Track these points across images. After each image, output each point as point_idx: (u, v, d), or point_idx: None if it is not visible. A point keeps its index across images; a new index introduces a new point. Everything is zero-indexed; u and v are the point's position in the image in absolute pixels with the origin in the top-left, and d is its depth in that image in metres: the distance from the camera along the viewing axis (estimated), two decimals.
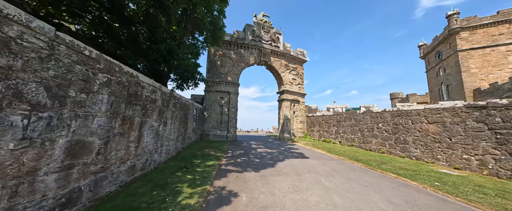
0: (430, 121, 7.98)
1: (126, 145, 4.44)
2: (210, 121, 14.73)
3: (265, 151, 10.41)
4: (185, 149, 9.55)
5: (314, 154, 9.76)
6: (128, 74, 4.41)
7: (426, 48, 33.76)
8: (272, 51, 17.32)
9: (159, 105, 6.24)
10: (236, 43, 15.92)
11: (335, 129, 14.11)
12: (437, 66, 30.57)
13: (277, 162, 7.81)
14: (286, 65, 18.23)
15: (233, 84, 15.58)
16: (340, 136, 13.59)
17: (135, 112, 4.78)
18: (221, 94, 15.42)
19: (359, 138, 11.84)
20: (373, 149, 10.70)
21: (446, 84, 28.58)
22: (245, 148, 11.48)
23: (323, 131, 15.68)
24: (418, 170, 6.79)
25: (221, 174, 5.97)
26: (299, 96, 18.67)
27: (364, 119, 11.50)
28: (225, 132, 15.02)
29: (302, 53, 19.23)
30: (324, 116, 15.77)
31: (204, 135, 14.23)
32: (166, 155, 7.11)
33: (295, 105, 18.42)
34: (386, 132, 9.98)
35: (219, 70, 15.52)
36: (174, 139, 7.95)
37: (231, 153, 9.60)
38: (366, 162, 7.87)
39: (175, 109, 7.92)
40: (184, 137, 9.46)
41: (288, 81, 18.16)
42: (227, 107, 15.36)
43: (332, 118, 14.59)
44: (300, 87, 18.98)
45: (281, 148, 11.82)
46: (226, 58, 15.85)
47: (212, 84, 15.11)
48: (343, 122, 13.38)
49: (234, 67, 15.96)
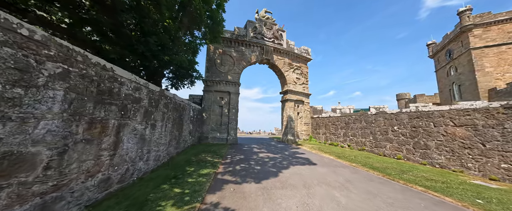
0: (458, 124, 6.96)
1: (95, 154, 3.59)
2: (209, 123, 13.88)
3: (267, 156, 9.49)
4: (180, 154, 8.70)
5: (322, 160, 8.80)
6: (98, 66, 3.57)
7: (435, 47, 32.44)
8: (275, 49, 16.43)
9: (146, 105, 5.40)
10: (237, 40, 15.09)
11: (343, 131, 13.10)
12: (448, 65, 29.24)
13: (281, 170, 6.89)
14: (290, 63, 17.32)
15: (233, 83, 14.73)
16: (349, 139, 12.58)
17: (110, 113, 3.94)
18: (221, 94, 14.58)
19: (370, 141, 10.82)
20: (388, 154, 9.67)
21: (458, 84, 27.23)
22: (246, 152, 10.58)
23: (330, 133, 14.67)
24: (447, 181, 5.78)
25: (216, 186, 5.08)
26: (304, 96, 17.71)
27: (377, 121, 10.49)
28: (225, 134, 14.14)
29: (306, 51, 18.30)
30: (330, 118, 14.78)
31: (202, 138, 13.38)
32: (155, 162, 6.26)
33: (299, 106, 17.46)
34: (403, 136, 8.95)
35: (218, 69, 14.69)
36: (166, 143, 7.10)
37: (230, 158, 8.71)
38: (383, 171, 6.88)
39: (167, 110, 7.08)
40: (178, 140, 8.61)
41: (292, 80, 17.23)
42: (227, 108, 14.50)
43: (340, 119, 13.59)
44: (305, 87, 18.02)
45: (285, 152, 10.88)
46: (226, 56, 15.03)
47: (211, 83, 14.28)
48: (352, 124, 12.38)
49: (234, 66, 15.11)
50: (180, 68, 8.43)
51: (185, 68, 8.41)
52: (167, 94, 6.95)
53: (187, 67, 8.50)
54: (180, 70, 8.54)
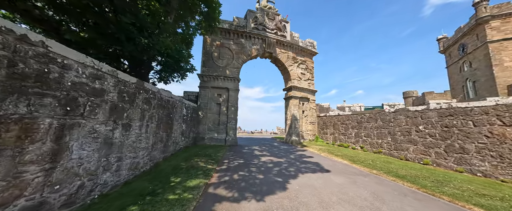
0: (508, 123, 5.59)
1: (9, 170, 2.34)
2: (206, 122, 12.63)
3: (270, 160, 8.20)
4: (168, 158, 7.45)
5: (334, 166, 7.49)
6: (9, 34, 2.31)
7: (447, 42, 30.72)
8: (278, 41, 15.08)
9: (113, 99, 4.15)
10: (236, 32, 13.77)
11: (355, 131, 11.74)
12: (461, 60, 27.56)
13: (288, 179, 5.60)
14: (294, 57, 15.95)
15: (232, 79, 13.44)
16: (361, 141, 11.22)
17: (41, 108, 2.68)
18: (219, 90, 13.31)
19: (388, 143, 9.46)
20: (411, 158, 8.32)
21: (472, 80, 25.57)
22: (246, 155, 9.31)
23: (339, 133, 13.32)
24: (506, 197, 4.44)
25: (204, 206, 3.82)
26: (309, 93, 16.35)
27: (396, 120, 9.12)
28: (224, 135, 12.88)
29: (311, 44, 16.91)
30: (340, 116, 13.41)
31: (198, 139, 12.14)
32: (131, 172, 5.02)
33: (305, 104, 16.11)
34: (431, 137, 7.59)
35: (216, 62, 13.40)
36: (147, 147, 5.85)
37: (227, 164, 7.44)
38: (414, 181, 5.55)
39: (149, 106, 5.83)
40: (166, 143, 7.37)
41: (296, 76, 15.87)
42: (226, 106, 13.23)
43: (351, 118, 12.22)
44: (310, 83, 16.66)
45: (290, 155, 9.59)
46: (225, 49, 13.73)
47: (208, 79, 13.01)
48: (365, 123, 11.01)
49: (233, 60, 13.81)
50: (168, 58, 7.16)
51: (173, 58, 7.14)
52: (148, 87, 5.69)
53: (176, 57, 7.23)
54: (168, 61, 7.28)
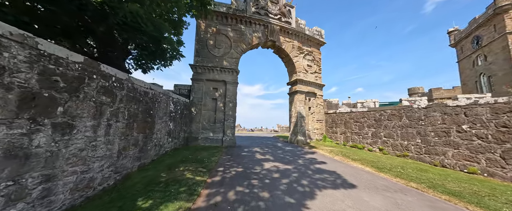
0: None
1: None
2: (200, 120, 11.01)
3: (276, 168, 6.62)
4: (146, 167, 5.85)
5: (359, 176, 5.90)
6: None
7: (459, 34, 28.96)
8: (282, 29, 13.35)
9: (29, 84, 2.51)
10: (235, 16, 12.03)
11: (373, 131, 10.14)
12: (474, 54, 25.87)
13: (304, 201, 4.01)
14: (299, 47, 14.24)
15: (230, 70, 11.77)
16: (381, 141, 9.63)
17: None
18: (215, 83, 11.65)
19: (417, 145, 7.87)
20: (449, 164, 6.74)
21: (487, 74, 23.94)
22: (246, 160, 7.72)
23: (352, 133, 11.73)
24: None
25: None
26: (316, 88, 14.70)
27: (429, 117, 7.51)
28: (220, 134, 11.28)
29: (319, 33, 15.18)
30: (352, 113, 11.80)
31: (191, 139, 10.54)
32: (76, 194, 3.40)
33: (311, 99, 14.48)
34: (481, 139, 6.00)
35: (211, 52, 11.71)
36: (110, 155, 4.24)
37: (222, 173, 5.84)
38: (478, 202, 3.97)
39: (113, 99, 4.20)
40: (143, 147, 5.76)
41: (302, 68, 14.18)
42: (223, 102, 11.59)
43: (367, 115, 10.61)
44: (317, 77, 14.98)
45: (299, 160, 8.01)
46: (221, 37, 12.01)
47: (203, 70, 11.34)
48: (386, 121, 9.41)
49: (231, 49, 12.11)
50: (142, 36, 5.49)
51: (149, 36, 5.47)
52: (107, 72, 4.04)
53: (154, 36, 5.57)
54: (142, 39, 5.62)
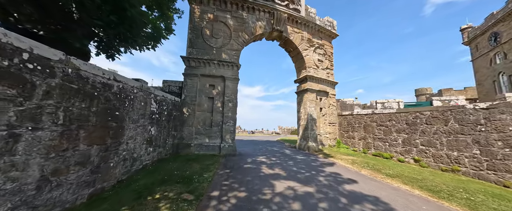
0: None
1: None
2: (193, 123, 9.15)
3: (292, 191, 4.76)
4: (103, 193, 3.98)
5: (413, 206, 4.04)
6: None
7: (473, 32, 27.25)
8: (290, 17, 11.58)
9: None
10: (235, 1, 10.25)
11: (404, 136, 8.29)
12: (492, 51, 24.13)
13: None
14: (309, 40, 12.45)
15: (230, 64, 9.96)
16: (416, 150, 7.78)
17: None
18: (212, 79, 9.83)
19: (475, 158, 6.02)
20: None
21: (508, 73, 22.15)
22: (250, 177, 5.86)
23: (374, 138, 9.88)
24: None
25: None
26: (328, 86, 12.87)
27: (494, 122, 5.67)
28: (217, 140, 9.42)
29: (331, 23, 13.40)
30: (375, 115, 9.95)
31: (182, 147, 8.68)
32: None
33: (323, 99, 12.65)
34: None
35: (208, 42, 9.90)
36: (21, 188, 2.37)
37: (217, 202, 3.97)
38: None
39: (30, 92, 2.36)
40: (100, 165, 3.90)
41: (313, 63, 12.37)
42: (221, 101, 9.76)
43: (396, 118, 8.76)
44: (329, 73, 13.17)
45: (319, 176, 6.15)
46: (220, 25, 10.22)
47: (197, 63, 9.52)
48: (424, 125, 7.56)
49: (232, 39, 10.31)
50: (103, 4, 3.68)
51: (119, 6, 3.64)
52: (4, 41, 2.21)
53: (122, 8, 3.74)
54: (104, 10, 3.82)
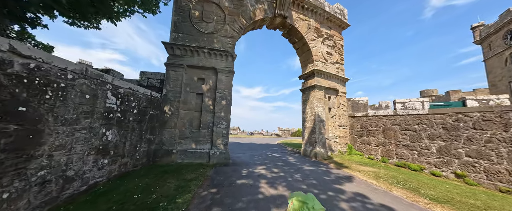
0: None
1: None
2: (177, 125, 7.42)
3: None
4: None
5: None
6: None
7: (486, 30, 25.76)
8: (295, 1, 9.91)
9: None
10: None
11: (440, 144, 6.58)
12: (507, 51, 22.61)
13: None
14: (317, 29, 10.79)
15: (224, 54, 8.26)
16: (459, 163, 6.06)
17: None
18: (201, 72, 8.12)
19: None
20: None
21: None
22: (244, 203, 4.11)
23: (396, 145, 8.17)
24: None
25: None
26: (338, 83, 11.19)
27: None
28: (207, 145, 7.69)
29: (341, 12, 11.76)
30: (399, 117, 8.24)
31: (161, 154, 6.94)
32: None
33: (332, 98, 10.95)
34: None
35: (197, 26, 8.22)
36: None
37: None
38: None
39: None
40: None
41: (321, 56, 10.70)
42: (212, 98, 8.05)
43: (428, 120, 7.04)
44: (339, 69, 11.49)
45: (339, 199, 4.42)
46: (211, 6, 8.54)
47: (183, 52, 7.82)
48: (471, 131, 5.85)
49: (226, 24, 8.63)
50: None
51: None
52: None
53: None
54: None
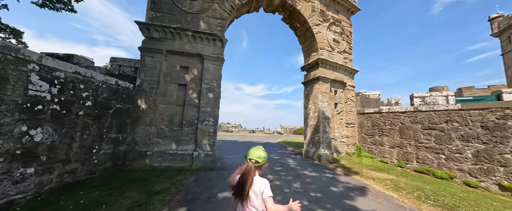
0: None
1: None
2: (154, 121, 6.24)
3: None
4: None
5: None
6: None
7: (506, 21, 23.73)
8: None
9: None
10: None
11: (478, 147, 5.24)
12: None
13: None
14: (323, 12, 9.41)
15: (211, 38, 7.00)
16: (504, 172, 4.75)
17: None
18: (184, 59, 6.89)
19: None
20: None
21: None
22: None
23: (417, 147, 6.84)
24: None
25: None
26: (346, 75, 9.83)
27: None
28: (190, 146, 6.50)
29: None
30: (421, 114, 6.88)
31: (131, 156, 5.78)
32: None
33: (338, 92, 9.62)
34: None
35: (179, 4, 6.95)
36: None
37: None
38: None
39: None
40: None
41: (327, 43, 9.33)
42: (197, 90, 6.83)
43: (460, 118, 5.69)
44: (347, 59, 10.11)
45: None
46: None
47: (162, 35, 6.58)
48: None
49: (214, 2, 7.34)
50: None
51: None
52: None
53: None
54: None
